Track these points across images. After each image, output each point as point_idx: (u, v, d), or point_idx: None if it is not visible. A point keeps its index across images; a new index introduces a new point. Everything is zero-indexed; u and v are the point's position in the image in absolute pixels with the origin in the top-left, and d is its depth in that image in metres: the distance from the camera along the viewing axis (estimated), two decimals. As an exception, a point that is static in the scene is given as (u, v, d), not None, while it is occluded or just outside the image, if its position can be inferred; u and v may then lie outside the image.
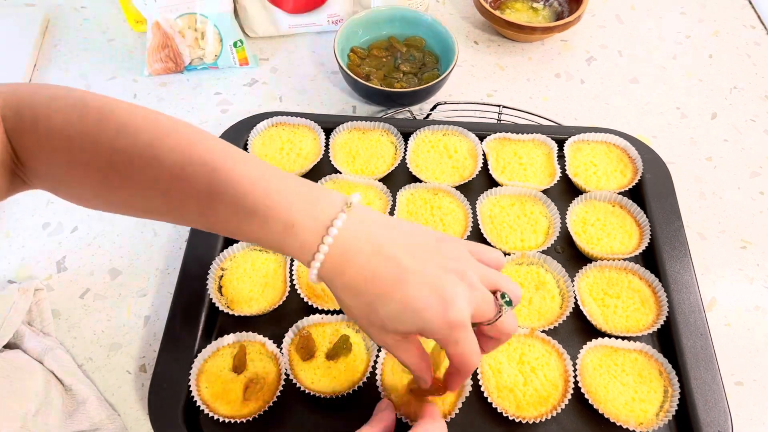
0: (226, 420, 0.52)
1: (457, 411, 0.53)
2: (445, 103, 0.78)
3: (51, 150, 0.41)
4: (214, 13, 0.79)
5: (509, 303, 0.41)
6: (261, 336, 0.57)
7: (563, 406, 0.53)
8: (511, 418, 0.53)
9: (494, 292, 0.41)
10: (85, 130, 0.40)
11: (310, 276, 0.41)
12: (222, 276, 0.61)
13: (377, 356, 0.56)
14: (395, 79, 0.79)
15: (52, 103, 0.41)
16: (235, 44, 0.81)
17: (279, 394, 0.54)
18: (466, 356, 0.41)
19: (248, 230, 0.41)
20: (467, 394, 0.54)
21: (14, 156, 0.42)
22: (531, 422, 0.53)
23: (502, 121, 0.77)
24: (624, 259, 0.62)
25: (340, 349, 0.56)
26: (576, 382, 0.55)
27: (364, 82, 0.75)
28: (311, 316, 0.58)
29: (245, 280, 0.61)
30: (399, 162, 0.69)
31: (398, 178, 0.69)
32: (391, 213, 0.66)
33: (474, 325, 0.41)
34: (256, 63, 0.84)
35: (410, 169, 0.69)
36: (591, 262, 0.62)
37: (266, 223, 0.40)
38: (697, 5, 0.95)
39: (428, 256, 0.40)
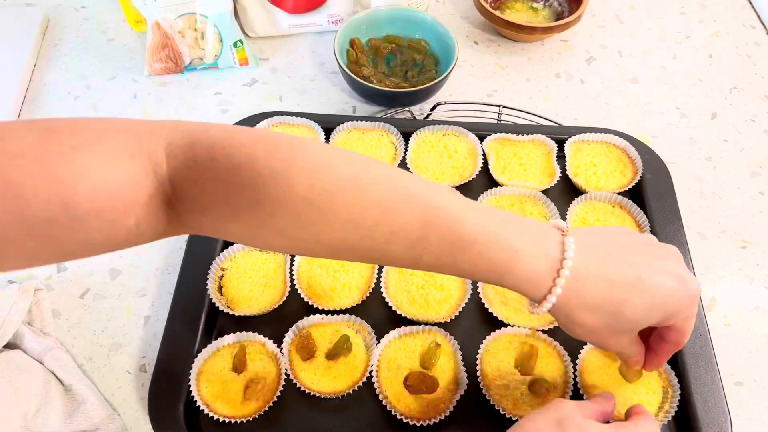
0: (226, 420, 0.53)
1: (452, 408, 0.53)
2: (445, 103, 0.78)
3: (231, 189, 0.38)
4: (214, 13, 0.79)
5: None
6: (261, 336, 0.57)
7: (563, 406, 0.53)
8: (509, 416, 0.53)
9: None
10: (276, 167, 0.37)
11: (542, 308, 0.40)
12: (222, 276, 0.61)
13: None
14: (395, 79, 0.79)
15: (229, 139, 0.38)
16: (235, 44, 0.81)
17: (279, 394, 0.54)
18: (691, 329, 0.44)
19: (464, 261, 0.39)
20: (462, 392, 0.54)
21: (176, 195, 0.38)
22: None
23: (502, 121, 0.77)
24: (624, 259, 0.62)
25: (340, 349, 0.56)
26: (576, 382, 0.55)
27: (364, 82, 0.75)
28: (311, 316, 0.58)
29: (245, 280, 0.61)
30: (399, 162, 0.69)
31: (398, 178, 0.69)
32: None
33: None
34: (256, 63, 0.84)
35: (410, 170, 0.69)
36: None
37: (487, 250, 0.39)
38: (697, 5, 0.95)
39: (642, 249, 0.42)
